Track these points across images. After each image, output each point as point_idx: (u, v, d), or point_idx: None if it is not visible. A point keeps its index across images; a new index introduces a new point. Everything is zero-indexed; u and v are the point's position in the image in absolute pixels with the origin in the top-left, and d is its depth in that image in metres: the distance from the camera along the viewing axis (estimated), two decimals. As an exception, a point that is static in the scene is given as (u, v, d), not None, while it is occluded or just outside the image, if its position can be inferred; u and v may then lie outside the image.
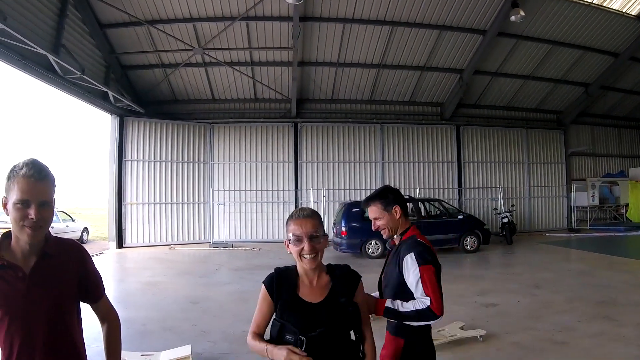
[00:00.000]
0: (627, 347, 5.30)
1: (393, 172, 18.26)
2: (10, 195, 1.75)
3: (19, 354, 1.75)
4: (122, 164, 15.80)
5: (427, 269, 2.41)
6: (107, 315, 2.08)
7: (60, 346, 1.84)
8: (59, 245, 1.90)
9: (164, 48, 14.68)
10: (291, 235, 2.01)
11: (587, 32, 15.81)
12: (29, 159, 1.78)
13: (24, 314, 1.75)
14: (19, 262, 1.79)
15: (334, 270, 2.11)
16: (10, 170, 1.76)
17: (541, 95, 19.07)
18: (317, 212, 2.11)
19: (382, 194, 2.72)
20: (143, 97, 16.33)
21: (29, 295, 1.76)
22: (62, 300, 1.86)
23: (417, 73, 17.01)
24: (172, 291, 8.87)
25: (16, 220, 1.74)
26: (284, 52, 15.24)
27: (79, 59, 12.26)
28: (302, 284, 2.05)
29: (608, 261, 11.73)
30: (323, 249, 2.04)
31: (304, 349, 1.87)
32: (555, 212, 19.90)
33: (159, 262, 12.69)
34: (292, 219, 2.05)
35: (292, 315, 1.95)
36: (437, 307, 2.36)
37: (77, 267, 1.93)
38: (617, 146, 21.92)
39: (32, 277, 1.78)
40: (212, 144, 17.43)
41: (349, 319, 1.98)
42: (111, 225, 15.74)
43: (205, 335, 6.05)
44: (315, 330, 1.90)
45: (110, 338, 2.06)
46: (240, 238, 16.96)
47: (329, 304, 1.99)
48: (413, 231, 2.65)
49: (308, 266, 2.00)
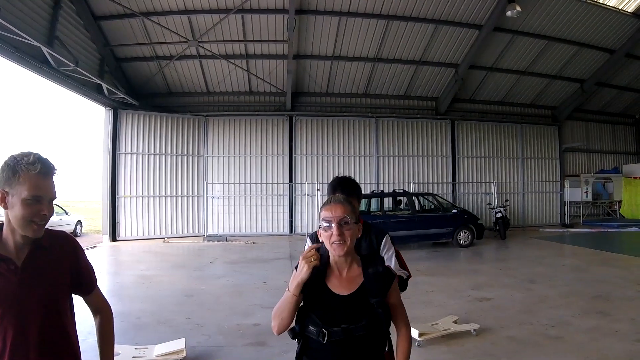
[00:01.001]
0: (621, 342, 5.30)
1: (387, 166, 18.28)
2: (17, 190, 1.71)
3: (13, 347, 1.71)
4: (116, 156, 15.69)
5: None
6: (100, 307, 2.06)
7: (54, 339, 1.81)
8: (51, 238, 1.87)
9: (159, 40, 14.57)
10: (322, 221, 1.98)
11: (584, 28, 15.84)
12: (35, 154, 1.75)
13: (16, 307, 1.72)
14: (11, 254, 1.76)
15: (368, 267, 2.01)
16: (14, 164, 1.71)
17: (536, 90, 19.11)
18: (349, 199, 2.06)
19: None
20: (137, 89, 16.21)
21: (22, 288, 1.73)
22: (55, 293, 1.84)
23: (413, 67, 17.00)
24: (166, 284, 8.83)
25: (24, 216, 1.71)
26: (279, 45, 15.15)
27: (73, 51, 12.15)
28: (332, 273, 2.00)
29: (602, 257, 11.77)
30: (354, 236, 1.98)
31: (326, 341, 1.86)
32: (549, 207, 19.99)
33: (153, 255, 12.65)
34: (324, 205, 2.03)
35: (317, 305, 1.93)
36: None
37: (70, 259, 1.92)
38: (611, 142, 22.04)
39: (24, 270, 1.76)
40: (207, 137, 17.35)
41: (377, 322, 1.92)
42: (105, 218, 15.64)
43: (199, 328, 6.02)
44: (339, 326, 1.87)
45: (103, 330, 2.04)
46: (234, 231, 16.92)
47: (356, 299, 1.93)
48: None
49: (337, 252, 1.94)
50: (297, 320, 1.94)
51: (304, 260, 1.88)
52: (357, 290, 1.95)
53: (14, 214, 1.72)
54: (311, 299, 1.93)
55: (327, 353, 1.89)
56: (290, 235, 17.18)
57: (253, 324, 6.17)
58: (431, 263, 11.21)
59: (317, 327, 1.87)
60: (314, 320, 1.89)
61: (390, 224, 12.96)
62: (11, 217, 1.74)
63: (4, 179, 1.71)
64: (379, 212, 13.82)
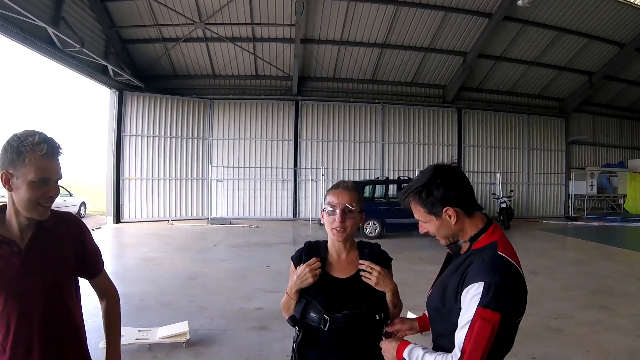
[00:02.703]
0: (622, 337, 5.32)
1: (393, 153, 18.26)
2: (22, 171, 1.64)
3: (16, 332, 1.69)
4: (121, 138, 15.69)
5: (487, 316, 1.51)
6: (106, 290, 2.02)
7: (59, 323, 1.78)
8: (56, 219, 1.81)
9: (165, 22, 14.45)
10: (327, 204, 1.98)
11: (594, 20, 15.61)
12: (40, 133, 1.68)
13: (20, 290, 1.69)
14: (14, 236, 1.72)
15: (364, 248, 2.05)
16: (18, 144, 1.64)
17: (544, 81, 18.94)
18: (358, 187, 2.05)
19: (426, 187, 1.72)
20: (143, 71, 16.15)
21: (25, 271, 1.70)
22: (60, 276, 1.80)
23: (421, 54, 16.85)
24: (169, 267, 8.89)
25: (30, 198, 1.66)
26: (287, 29, 15.02)
27: (79, 32, 12.08)
28: (331, 258, 2.01)
29: (604, 251, 11.77)
30: (356, 225, 1.98)
31: (327, 328, 1.85)
32: (553, 199, 19.94)
33: (156, 238, 12.69)
34: (331, 190, 2.02)
35: (318, 291, 1.92)
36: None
37: (75, 241, 1.87)
38: (618, 137, 21.92)
39: (28, 252, 1.72)
40: (212, 120, 17.33)
41: (375, 302, 1.92)
42: (109, 200, 15.70)
43: (202, 311, 6.06)
44: (340, 312, 1.87)
45: (109, 314, 2.01)
46: (237, 215, 16.98)
47: (355, 282, 1.94)
48: (492, 236, 1.69)
49: (336, 237, 1.95)
50: (298, 309, 1.92)
51: (309, 272, 1.88)
52: (356, 273, 1.95)
53: (19, 196, 1.67)
54: (312, 286, 1.92)
55: (329, 340, 1.89)
56: (294, 220, 17.23)
57: (256, 308, 6.21)
58: (434, 251, 11.19)
59: (319, 314, 1.86)
60: (315, 306, 1.88)
61: (395, 211, 12.95)
62: (16, 199, 1.69)
63: (7, 160, 1.65)
64: (383, 199, 13.80)
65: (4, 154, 1.66)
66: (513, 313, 1.55)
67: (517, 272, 1.60)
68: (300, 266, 1.92)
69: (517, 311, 1.58)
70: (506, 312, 1.52)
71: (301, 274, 1.89)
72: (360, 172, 17.70)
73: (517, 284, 1.58)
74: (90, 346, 1.93)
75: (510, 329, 1.57)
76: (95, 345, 4.11)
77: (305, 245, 2.07)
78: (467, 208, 1.72)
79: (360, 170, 17.74)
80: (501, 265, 1.59)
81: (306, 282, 1.89)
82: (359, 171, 17.73)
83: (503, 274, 1.56)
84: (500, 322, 1.51)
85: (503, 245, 1.64)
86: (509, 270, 1.58)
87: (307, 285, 1.89)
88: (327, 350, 1.91)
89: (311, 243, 2.08)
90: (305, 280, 1.88)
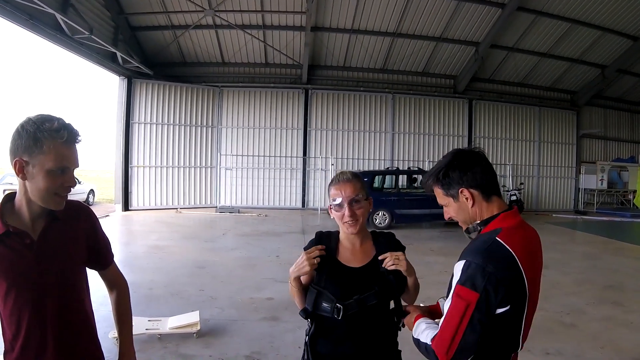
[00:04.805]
0: (635, 334, 5.26)
1: (403, 144, 18.15)
2: (39, 159, 1.54)
3: (29, 327, 1.62)
4: (130, 126, 15.66)
5: (463, 294, 1.54)
6: (116, 282, 1.96)
7: (72, 316, 1.72)
8: (67, 208, 1.71)
9: (174, 9, 14.39)
10: (332, 200, 1.95)
11: (608, 12, 15.28)
12: (58, 119, 1.59)
13: (32, 284, 1.61)
14: (26, 227, 1.63)
15: (378, 237, 2.03)
16: (35, 130, 1.53)
17: (556, 74, 18.70)
18: (358, 174, 2.01)
19: (444, 169, 1.76)
20: (152, 59, 16.09)
21: (38, 264, 1.62)
22: (73, 268, 1.73)
23: (432, 44, 16.68)
24: (178, 255, 8.88)
25: (48, 188, 1.57)
26: (297, 17, 14.93)
27: (88, 19, 12.03)
28: (343, 248, 1.99)
29: (615, 246, 11.65)
30: (366, 213, 1.96)
31: (341, 317, 1.82)
32: (563, 193, 19.80)
33: (165, 226, 12.71)
34: (333, 184, 1.98)
35: (330, 281, 1.89)
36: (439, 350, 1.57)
37: (87, 231, 1.80)
38: (629, 131, 21.66)
39: (40, 244, 1.63)
40: (221, 108, 17.26)
41: (388, 288, 1.90)
42: (118, 187, 15.71)
43: (212, 301, 6.03)
44: (352, 298, 1.84)
45: (120, 306, 1.95)
46: (246, 204, 17.00)
47: (369, 270, 1.92)
48: (500, 223, 1.67)
49: (349, 231, 1.93)
50: (310, 299, 1.89)
51: (306, 260, 1.85)
52: (370, 262, 1.94)
53: (35, 186, 1.57)
54: (323, 275, 1.90)
55: (342, 329, 1.87)
56: (303, 209, 17.23)
57: (266, 298, 6.18)
58: (444, 243, 11.16)
59: (331, 304, 1.83)
60: (327, 296, 1.85)
61: (405, 201, 12.89)
62: (31, 189, 1.59)
63: (23, 146, 1.54)
64: (393, 189, 13.75)
65: (17, 140, 1.55)
66: (492, 297, 1.51)
67: (509, 259, 1.56)
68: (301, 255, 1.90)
69: (497, 298, 1.52)
70: (484, 293, 1.50)
71: (299, 261, 1.87)
72: (370, 162, 17.62)
73: (501, 270, 1.53)
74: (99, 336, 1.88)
75: (488, 314, 1.53)
76: (104, 335, 4.12)
77: (316, 236, 2.04)
78: (484, 191, 1.72)
79: (370, 160, 17.67)
80: (490, 249, 1.56)
81: (304, 270, 1.86)
82: (369, 161, 17.65)
83: (488, 257, 1.54)
84: (478, 303, 1.50)
85: (507, 233, 1.61)
86: (497, 255, 1.55)
87: (304, 273, 1.88)
88: (340, 341, 1.89)
89: (322, 233, 2.06)
90: (303, 269, 1.86)
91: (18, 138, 1.55)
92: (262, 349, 4.55)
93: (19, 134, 1.55)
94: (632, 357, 4.68)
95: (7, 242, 1.59)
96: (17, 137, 1.55)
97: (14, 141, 1.56)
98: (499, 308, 1.55)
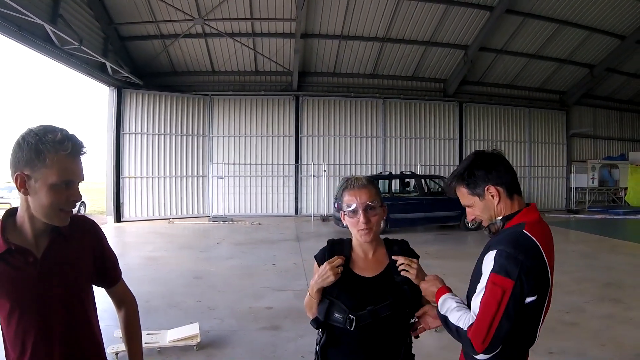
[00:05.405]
0: (636, 331, 5.26)
1: (394, 148, 18.17)
2: (42, 173, 1.46)
3: (35, 349, 1.54)
4: (120, 136, 15.51)
5: (498, 282, 1.58)
6: (125, 299, 1.88)
7: (80, 337, 1.65)
8: (71, 223, 1.62)
9: (164, 18, 14.30)
10: (346, 206, 1.89)
11: (595, 12, 15.47)
12: (62, 130, 1.51)
13: (37, 304, 1.53)
14: (29, 244, 1.55)
15: (393, 246, 1.98)
16: (37, 142, 1.45)
17: (545, 74, 18.86)
18: (372, 180, 1.97)
19: (468, 169, 1.83)
20: (141, 68, 15.98)
21: (43, 283, 1.53)
22: (79, 286, 1.65)
23: (422, 48, 16.75)
24: (174, 265, 8.78)
25: (52, 204, 1.49)
26: (287, 24, 14.92)
27: (77, 29, 11.95)
28: (357, 256, 1.94)
29: (609, 243, 11.74)
30: (380, 220, 1.91)
31: (354, 328, 1.77)
32: (555, 192, 19.94)
33: (159, 236, 12.57)
34: (347, 190, 1.93)
35: (343, 290, 1.84)
36: (475, 338, 1.59)
37: (93, 247, 1.72)
38: (619, 129, 21.93)
39: (45, 262, 1.55)
40: (212, 116, 17.18)
41: (403, 299, 1.86)
42: (109, 199, 15.52)
43: (211, 311, 5.95)
44: (365, 309, 1.79)
45: (129, 325, 1.86)
46: (239, 212, 16.89)
47: (383, 280, 1.88)
48: (523, 217, 1.76)
49: (364, 239, 1.88)
50: (322, 310, 1.84)
51: (330, 270, 1.81)
52: (383, 271, 1.90)
53: (38, 201, 1.49)
54: (336, 285, 1.84)
55: (355, 340, 1.83)
56: (296, 216, 17.15)
57: (265, 307, 6.11)
58: (440, 246, 11.16)
59: (344, 314, 1.79)
60: (340, 307, 1.80)
61: (399, 205, 12.88)
62: (34, 205, 1.51)
63: (24, 160, 1.45)
64: (387, 194, 13.75)
65: (18, 153, 1.47)
66: (525, 285, 1.58)
67: (536, 250, 1.63)
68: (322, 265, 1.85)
69: (528, 286, 1.59)
70: (518, 281, 1.57)
71: (322, 272, 1.82)
72: (362, 167, 17.62)
73: (531, 260, 1.60)
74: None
75: (520, 303, 1.59)
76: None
77: (328, 244, 1.99)
78: (508, 189, 1.81)
79: (362, 166, 17.66)
80: (519, 240, 1.64)
81: (327, 280, 1.81)
82: (361, 166, 17.65)
83: (518, 246, 1.61)
84: (513, 290, 1.56)
85: (531, 227, 1.69)
86: (526, 246, 1.63)
87: (328, 284, 1.82)
88: (352, 352, 1.84)
89: (334, 241, 2.01)
90: (327, 279, 1.81)
91: (19, 150, 1.47)
92: (264, 359, 4.49)
93: (19, 146, 1.47)
94: (634, 354, 4.67)
95: (9, 260, 1.51)
96: (18, 150, 1.47)
97: (14, 154, 1.48)
98: (528, 297, 1.61)
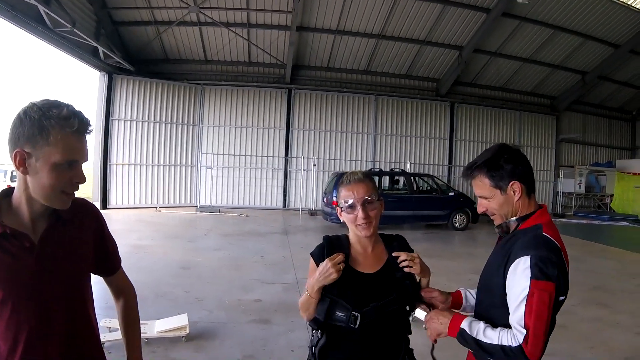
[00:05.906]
0: (623, 334, 5.34)
1: (385, 145, 18.19)
2: (44, 151, 1.35)
3: (28, 342, 1.41)
4: (109, 123, 15.26)
5: (542, 287, 1.54)
6: (124, 288, 1.78)
7: (79, 329, 1.54)
8: (71, 207, 1.49)
9: (158, 4, 14.09)
10: (343, 202, 1.84)
11: (591, 20, 15.64)
12: (67, 105, 1.39)
13: (34, 294, 1.41)
14: (25, 228, 1.42)
15: (392, 242, 1.95)
16: (40, 117, 1.34)
17: (538, 79, 19.01)
18: (369, 174, 1.92)
19: (494, 161, 1.76)
20: (134, 54, 15.75)
21: (41, 270, 1.42)
22: (79, 274, 1.54)
23: (417, 47, 16.73)
24: (161, 255, 8.66)
25: (54, 185, 1.38)
26: (282, 16, 14.79)
27: (70, 12, 11.67)
28: (356, 252, 1.88)
29: (595, 248, 11.83)
30: (379, 214, 1.86)
31: (357, 325, 1.72)
32: (542, 196, 20.04)
33: (145, 225, 12.41)
34: (343, 185, 1.87)
35: (344, 288, 1.77)
36: (533, 350, 1.52)
37: (94, 233, 1.61)
38: (607, 136, 22.20)
39: (43, 247, 1.43)
40: (203, 106, 17.00)
41: (405, 294, 1.82)
42: (96, 185, 15.28)
43: (199, 302, 5.87)
44: (369, 305, 1.74)
45: (128, 315, 1.78)
46: (227, 203, 16.77)
47: (384, 276, 1.84)
48: (539, 219, 1.73)
49: (363, 234, 1.83)
50: (322, 309, 1.77)
51: (332, 267, 1.72)
52: (383, 267, 1.86)
53: (38, 182, 1.37)
54: (336, 283, 1.76)
55: (357, 339, 1.76)
56: (284, 209, 17.07)
57: (254, 300, 6.05)
58: (428, 245, 11.16)
59: (347, 312, 1.73)
60: (342, 305, 1.74)
61: (387, 203, 12.83)
62: (33, 185, 1.39)
63: (25, 136, 1.33)
64: (376, 191, 13.73)
65: (19, 128, 1.35)
66: (562, 285, 1.58)
67: (559, 251, 1.63)
68: (322, 262, 1.76)
69: (563, 286, 1.60)
70: (557, 281, 1.56)
71: (323, 269, 1.73)
72: (351, 163, 17.59)
73: (560, 260, 1.60)
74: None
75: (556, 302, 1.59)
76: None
77: (325, 240, 1.92)
78: (528, 188, 1.76)
79: (352, 161, 17.63)
80: (544, 242, 1.63)
81: (330, 278, 1.72)
82: (351, 162, 17.61)
83: (547, 248, 1.61)
84: (556, 290, 1.56)
85: (547, 228, 1.68)
86: (552, 247, 1.62)
87: (331, 281, 1.73)
88: (354, 351, 1.78)
89: (330, 237, 1.94)
90: (329, 276, 1.72)
91: (20, 125, 1.35)
92: (255, 353, 4.42)
93: (20, 121, 1.35)
94: (622, 357, 4.72)
95: (3, 245, 1.39)
96: (19, 125, 1.35)
97: (14, 129, 1.36)
98: (561, 296, 1.62)
